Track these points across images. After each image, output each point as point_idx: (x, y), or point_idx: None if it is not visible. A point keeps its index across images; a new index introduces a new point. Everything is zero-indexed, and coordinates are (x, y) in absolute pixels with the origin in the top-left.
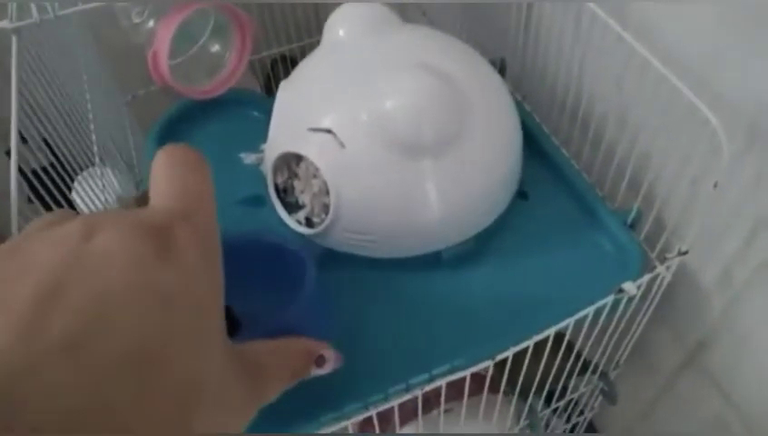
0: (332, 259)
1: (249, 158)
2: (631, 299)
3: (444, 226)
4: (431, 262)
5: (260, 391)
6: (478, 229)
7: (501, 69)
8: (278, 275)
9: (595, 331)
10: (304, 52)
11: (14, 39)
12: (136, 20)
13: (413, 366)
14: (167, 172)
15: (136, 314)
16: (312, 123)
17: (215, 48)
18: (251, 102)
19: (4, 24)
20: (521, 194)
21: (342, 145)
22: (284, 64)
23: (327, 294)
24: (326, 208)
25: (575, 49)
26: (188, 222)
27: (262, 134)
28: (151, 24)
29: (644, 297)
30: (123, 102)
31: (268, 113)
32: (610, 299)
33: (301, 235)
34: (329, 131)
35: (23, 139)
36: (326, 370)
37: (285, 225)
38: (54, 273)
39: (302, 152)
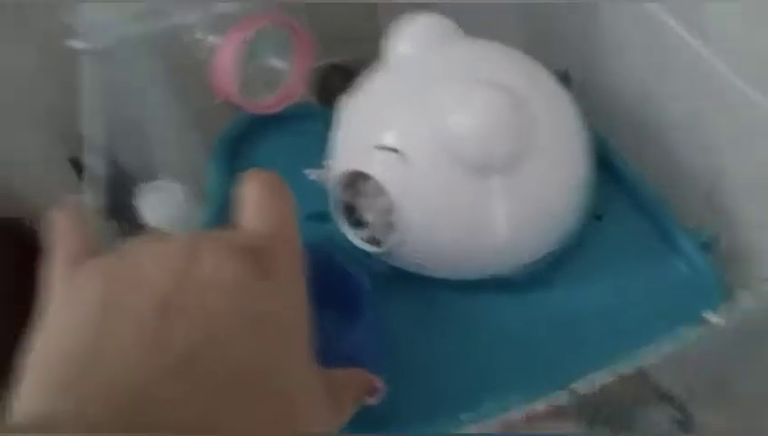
0: (397, 278)
1: (313, 174)
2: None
3: (513, 247)
4: (500, 284)
5: (339, 412)
6: (549, 250)
7: (565, 81)
8: (337, 294)
9: (672, 360)
10: (360, 62)
11: (84, 58)
12: (199, 36)
13: (483, 393)
14: (256, 196)
15: (239, 335)
16: (377, 141)
17: (276, 63)
18: (310, 115)
19: (77, 43)
20: (596, 217)
21: (408, 164)
22: (339, 74)
23: (382, 322)
24: (391, 227)
25: (639, 57)
26: (281, 245)
27: (323, 149)
28: (214, 39)
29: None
30: (186, 116)
31: (327, 126)
32: (693, 330)
33: (366, 253)
34: (394, 150)
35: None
36: (375, 400)
37: (350, 242)
38: (164, 293)
39: (367, 170)
